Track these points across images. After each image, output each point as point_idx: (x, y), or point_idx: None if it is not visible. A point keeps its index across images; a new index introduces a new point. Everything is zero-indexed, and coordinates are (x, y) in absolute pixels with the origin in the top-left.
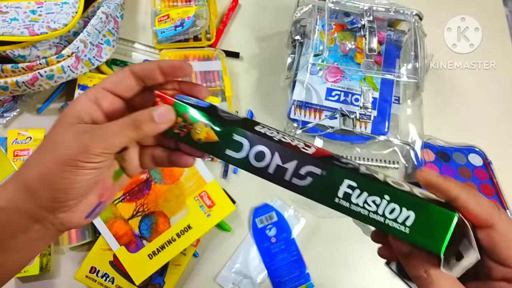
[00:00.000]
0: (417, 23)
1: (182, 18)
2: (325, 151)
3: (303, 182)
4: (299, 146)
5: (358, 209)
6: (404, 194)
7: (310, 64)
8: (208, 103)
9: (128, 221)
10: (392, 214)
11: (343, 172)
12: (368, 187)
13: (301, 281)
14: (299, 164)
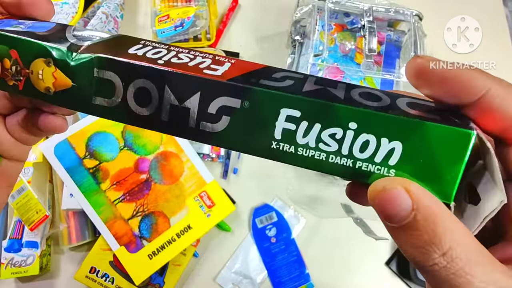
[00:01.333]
0: (417, 23)
1: (182, 18)
2: (248, 64)
3: (218, 126)
4: (201, 65)
5: (309, 153)
6: (381, 114)
7: (310, 64)
8: (53, 24)
9: (128, 221)
10: (366, 151)
11: (276, 96)
12: (320, 113)
13: (301, 281)
14: (204, 97)
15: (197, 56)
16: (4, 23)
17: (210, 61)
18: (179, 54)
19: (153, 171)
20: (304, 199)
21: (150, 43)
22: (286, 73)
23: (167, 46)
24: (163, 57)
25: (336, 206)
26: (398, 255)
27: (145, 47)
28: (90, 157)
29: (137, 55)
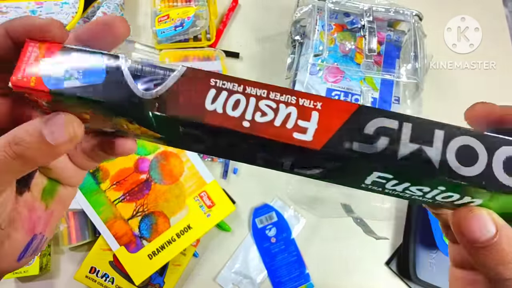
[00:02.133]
0: (417, 23)
1: (182, 18)
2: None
3: (310, 172)
4: (288, 124)
5: (395, 193)
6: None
7: (310, 64)
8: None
9: (128, 221)
10: (448, 199)
11: (372, 167)
12: (414, 180)
13: (301, 281)
14: (300, 161)
15: (280, 103)
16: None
17: (296, 111)
18: (260, 104)
19: (153, 171)
20: (304, 199)
21: (222, 82)
22: (379, 122)
23: (241, 85)
24: (246, 113)
25: (336, 206)
26: (398, 255)
27: (220, 94)
28: None
29: (218, 114)
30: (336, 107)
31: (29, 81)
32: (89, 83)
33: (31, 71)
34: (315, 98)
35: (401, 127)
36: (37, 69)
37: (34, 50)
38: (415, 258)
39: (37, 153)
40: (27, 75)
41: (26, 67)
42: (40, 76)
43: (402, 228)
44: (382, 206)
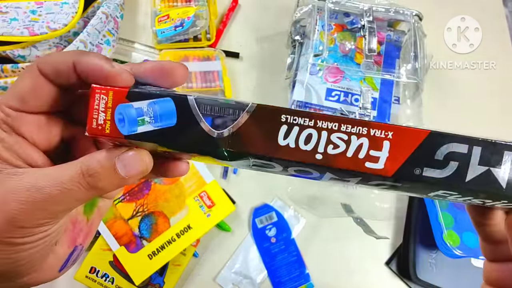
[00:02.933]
0: (417, 23)
1: (182, 18)
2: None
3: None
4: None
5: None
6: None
7: (310, 64)
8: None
9: (128, 221)
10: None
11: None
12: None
13: (301, 281)
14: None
15: (351, 135)
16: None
17: (367, 142)
18: (331, 137)
19: None
20: (304, 199)
21: (292, 118)
22: (450, 147)
23: (312, 119)
24: (318, 147)
25: (336, 206)
26: (398, 255)
27: (292, 130)
28: None
29: (290, 148)
30: (407, 135)
31: (104, 128)
32: (162, 126)
33: (104, 118)
34: (386, 128)
35: (471, 151)
36: (109, 116)
37: (103, 98)
38: (415, 258)
39: (108, 184)
40: (101, 123)
41: (99, 115)
42: (113, 123)
43: (402, 228)
44: (382, 206)
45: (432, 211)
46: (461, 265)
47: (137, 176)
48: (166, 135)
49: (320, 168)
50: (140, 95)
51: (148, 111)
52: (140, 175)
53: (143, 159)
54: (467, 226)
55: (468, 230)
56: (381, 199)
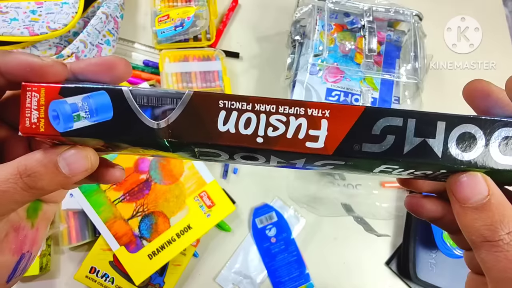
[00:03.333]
0: (417, 23)
1: (182, 18)
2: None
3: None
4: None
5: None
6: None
7: (310, 64)
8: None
9: (128, 221)
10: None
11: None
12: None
13: (301, 281)
14: (308, 162)
15: (290, 116)
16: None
17: (306, 122)
18: (270, 119)
19: (153, 171)
20: (304, 199)
21: (230, 103)
22: (385, 122)
23: (249, 103)
24: (258, 130)
25: (336, 206)
26: (398, 255)
27: (231, 115)
28: None
29: (230, 134)
30: (343, 112)
31: (38, 127)
32: (99, 121)
33: (38, 116)
34: (323, 106)
35: (405, 124)
36: (43, 113)
37: (34, 95)
38: (415, 258)
39: (49, 183)
40: (35, 122)
41: (32, 113)
42: (48, 120)
43: (402, 227)
44: (382, 205)
45: None
46: (461, 265)
47: (82, 174)
48: (105, 129)
49: (264, 152)
50: (74, 90)
51: (83, 106)
52: (85, 173)
53: (88, 156)
54: None
55: None
56: (381, 198)
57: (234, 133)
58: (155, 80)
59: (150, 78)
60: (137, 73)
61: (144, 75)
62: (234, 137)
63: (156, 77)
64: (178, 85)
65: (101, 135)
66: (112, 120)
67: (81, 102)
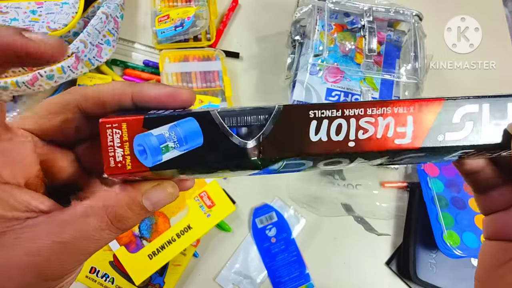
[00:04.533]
0: (417, 23)
1: (182, 18)
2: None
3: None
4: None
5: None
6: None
7: (310, 64)
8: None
9: None
10: None
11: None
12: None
13: (301, 281)
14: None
15: (378, 117)
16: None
17: (393, 120)
18: (360, 122)
19: None
20: (304, 198)
21: (320, 112)
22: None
23: (338, 109)
24: (349, 134)
25: (336, 206)
26: (398, 255)
27: (322, 124)
28: None
29: (322, 142)
30: (426, 106)
31: (124, 165)
32: (189, 149)
33: (122, 154)
34: (407, 103)
35: (481, 109)
36: (128, 150)
37: (116, 132)
38: (415, 258)
39: (135, 222)
40: (120, 160)
41: (115, 151)
42: (134, 156)
43: (402, 227)
44: (382, 205)
45: (432, 211)
46: (461, 265)
47: (159, 207)
48: (195, 157)
49: (352, 155)
50: (158, 120)
51: (170, 136)
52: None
53: (169, 192)
54: (467, 226)
55: (468, 230)
56: (381, 198)
57: (326, 141)
58: (155, 80)
59: (150, 78)
60: (137, 73)
61: (144, 75)
62: (326, 145)
63: (156, 77)
64: (178, 85)
65: (191, 163)
66: (203, 147)
67: (167, 132)
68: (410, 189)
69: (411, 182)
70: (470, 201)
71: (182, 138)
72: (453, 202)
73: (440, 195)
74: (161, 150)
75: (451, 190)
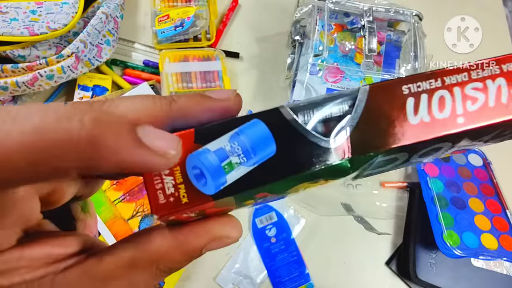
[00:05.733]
0: (417, 23)
1: (182, 18)
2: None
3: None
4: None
5: None
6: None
7: (310, 64)
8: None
9: (128, 221)
10: None
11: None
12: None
13: (301, 281)
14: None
15: (486, 80)
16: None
17: (504, 82)
18: (465, 89)
19: None
20: (304, 199)
21: (416, 85)
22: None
23: (437, 78)
24: (456, 108)
25: (336, 205)
26: (398, 255)
27: (420, 100)
28: None
29: (425, 124)
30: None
31: (178, 198)
32: (259, 161)
33: (173, 183)
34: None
35: None
36: (180, 177)
37: None
38: (415, 258)
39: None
40: (172, 193)
41: (164, 183)
42: (189, 184)
43: (402, 227)
44: (382, 205)
45: (432, 211)
46: (461, 265)
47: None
48: (270, 170)
49: (458, 137)
50: (212, 130)
51: (233, 149)
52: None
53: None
54: (467, 226)
55: (468, 230)
56: (381, 198)
57: (430, 122)
58: (155, 80)
59: (150, 78)
60: (137, 73)
61: (144, 75)
62: (431, 127)
63: (156, 77)
64: (178, 85)
65: (266, 180)
66: (276, 155)
67: (228, 144)
68: (410, 189)
69: (411, 182)
70: (470, 201)
71: (249, 148)
72: (453, 202)
73: (440, 195)
74: (224, 169)
75: (451, 190)
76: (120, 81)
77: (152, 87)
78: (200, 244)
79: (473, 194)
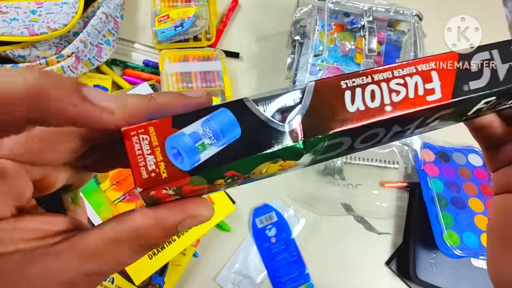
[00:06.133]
0: (417, 23)
1: (182, 18)
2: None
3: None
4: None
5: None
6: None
7: (310, 64)
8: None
9: None
10: None
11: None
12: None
13: (301, 281)
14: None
15: (405, 77)
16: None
17: (420, 78)
18: (390, 84)
19: None
20: (304, 198)
21: (352, 81)
22: (478, 58)
23: (368, 76)
24: (384, 99)
25: (336, 205)
26: (398, 255)
27: (356, 93)
28: None
29: (361, 111)
30: (445, 59)
31: (159, 174)
32: (228, 142)
33: (155, 161)
34: (427, 60)
35: (492, 55)
36: (160, 156)
37: (143, 138)
38: (415, 258)
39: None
40: (153, 169)
41: (146, 160)
42: (169, 162)
43: (402, 227)
44: (382, 205)
45: (432, 211)
46: (461, 265)
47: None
48: (236, 150)
49: (388, 122)
50: (187, 117)
51: (205, 132)
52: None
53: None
54: (467, 226)
55: (468, 230)
56: (381, 198)
57: (364, 110)
58: (155, 80)
59: (150, 78)
60: (137, 73)
61: (144, 75)
62: (365, 114)
63: (156, 77)
64: (178, 85)
65: (233, 157)
66: (241, 138)
67: (201, 128)
68: (410, 189)
69: (411, 182)
70: (470, 201)
71: (218, 132)
72: (453, 202)
73: (440, 195)
74: (197, 149)
75: (451, 190)
76: (120, 81)
77: (152, 87)
78: (175, 221)
79: (473, 194)
